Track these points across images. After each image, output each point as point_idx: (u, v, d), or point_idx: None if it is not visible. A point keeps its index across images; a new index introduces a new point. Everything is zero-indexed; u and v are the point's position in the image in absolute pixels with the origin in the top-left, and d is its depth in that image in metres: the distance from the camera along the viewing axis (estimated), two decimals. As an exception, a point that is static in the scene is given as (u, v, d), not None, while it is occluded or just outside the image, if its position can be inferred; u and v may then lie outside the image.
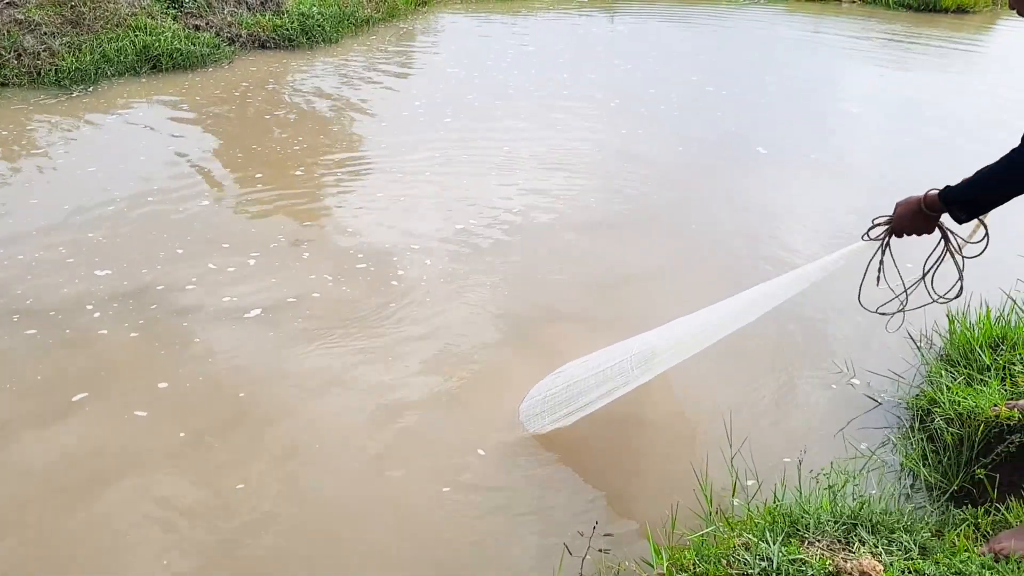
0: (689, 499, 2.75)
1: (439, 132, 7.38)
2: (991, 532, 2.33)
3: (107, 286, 4.47)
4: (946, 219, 2.48)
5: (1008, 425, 2.87)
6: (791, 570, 1.98)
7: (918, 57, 11.12)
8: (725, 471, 2.87)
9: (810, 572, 1.96)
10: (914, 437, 3.19)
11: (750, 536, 2.15)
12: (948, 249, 2.65)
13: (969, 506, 2.53)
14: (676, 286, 4.78)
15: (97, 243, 4.95)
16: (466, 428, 3.46)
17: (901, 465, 3.08)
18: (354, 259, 4.86)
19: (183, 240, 5.04)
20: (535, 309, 4.42)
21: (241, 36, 10.00)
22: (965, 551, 2.18)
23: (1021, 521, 2.39)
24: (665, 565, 2.18)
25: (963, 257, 2.64)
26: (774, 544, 2.07)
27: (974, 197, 2.35)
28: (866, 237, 2.70)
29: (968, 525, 2.39)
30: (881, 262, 2.71)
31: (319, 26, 10.47)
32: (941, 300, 2.72)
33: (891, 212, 2.62)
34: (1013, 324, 3.65)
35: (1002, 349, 3.44)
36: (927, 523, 2.35)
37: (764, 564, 2.02)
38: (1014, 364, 3.28)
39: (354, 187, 6.08)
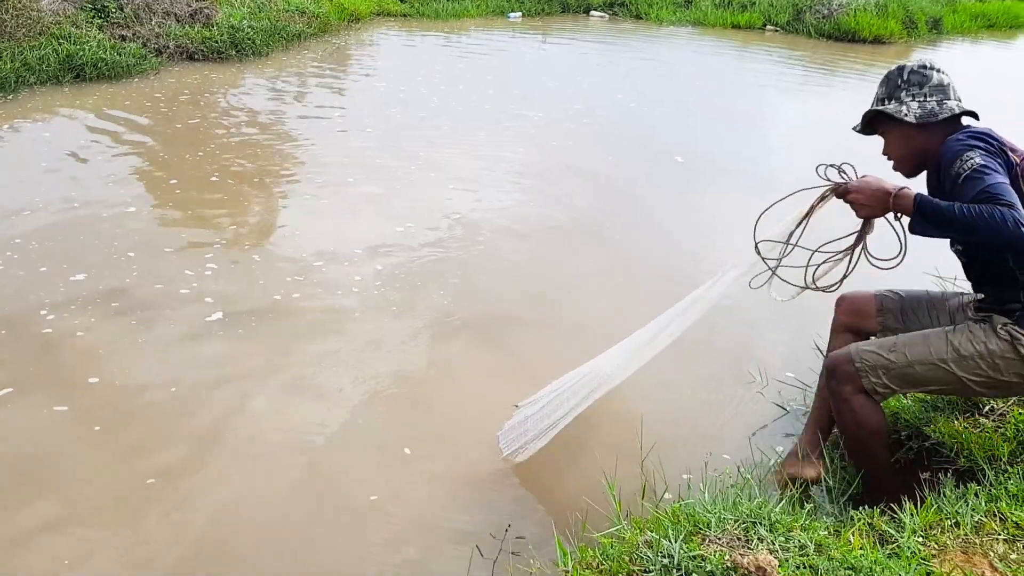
0: (602, 502, 2.81)
1: (366, 144, 7.41)
2: (886, 531, 2.43)
3: (48, 286, 4.47)
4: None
5: (906, 434, 3.02)
6: (691, 566, 2.04)
7: (839, 81, 11.55)
8: (637, 475, 2.94)
9: (708, 567, 2.03)
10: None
11: (653, 535, 2.21)
12: (859, 244, 2.75)
13: (866, 507, 2.63)
14: (616, 288, 5.03)
15: (23, 248, 4.89)
16: (396, 433, 3.51)
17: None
18: (293, 268, 4.90)
19: (114, 246, 5.02)
20: (476, 314, 4.56)
21: (169, 47, 9.90)
22: (860, 548, 2.27)
23: (916, 519, 2.49)
24: (571, 564, 2.22)
25: (871, 259, 2.74)
26: (676, 542, 2.14)
27: (943, 219, 2.40)
28: (821, 172, 2.71)
29: (864, 524, 2.48)
30: (807, 216, 2.76)
31: (249, 39, 10.43)
32: (814, 287, 2.82)
33: (848, 171, 2.70)
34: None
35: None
36: (824, 523, 2.44)
37: (665, 561, 2.08)
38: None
39: (284, 198, 6.08)
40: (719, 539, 2.21)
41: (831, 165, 2.72)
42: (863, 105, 2.92)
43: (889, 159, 2.85)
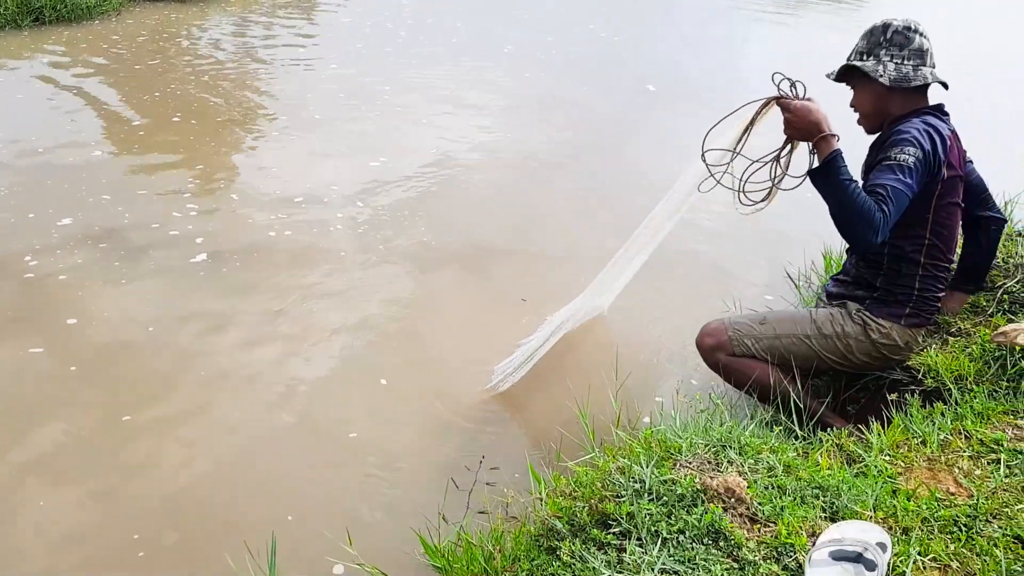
0: (577, 432, 2.84)
1: (335, 81, 7.30)
2: (854, 451, 2.47)
3: (23, 231, 4.45)
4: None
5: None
6: (662, 490, 2.07)
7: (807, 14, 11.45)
8: (612, 404, 2.97)
9: (679, 490, 2.06)
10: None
11: (625, 461, 2.23)
12: (780, 156, 2.80)
13: (833, 429, 2.67)
14: (590, 212, 5.11)
15: None
16: (378, 367, 3.55)
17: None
18: (274, 207, 4.89)
19: (83, 190, 4.97)
20: (457, 246, 4.62)
21: (129, -14, 9.61)
22: (828, 468, 2.31)
23: (883, 438, 2.53)
24: (544, 492, 2.25)
25: (791, 176, 2.78)
26: (647, 467, 2.16)
27: (838, 187, 2.51)
28: (776, 80, 2.72)
29: (832, 444, 2.52)
30: (751, 124, 2.80)
31: (212, -24, 10.13)
32: (747, 202, 2.85)
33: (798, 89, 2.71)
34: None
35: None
36: (793, 445, 2.47)
37: (637, 486, 2.10)
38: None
39: (255, 137, 5.99)
40: (690, 463, 2.24)
41: (787, 77, 2.72)
42: (833, 29, 2.90)
43: (855, 111, 2.92)
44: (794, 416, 2.65)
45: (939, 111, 2.83)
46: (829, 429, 2.64)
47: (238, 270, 4.19)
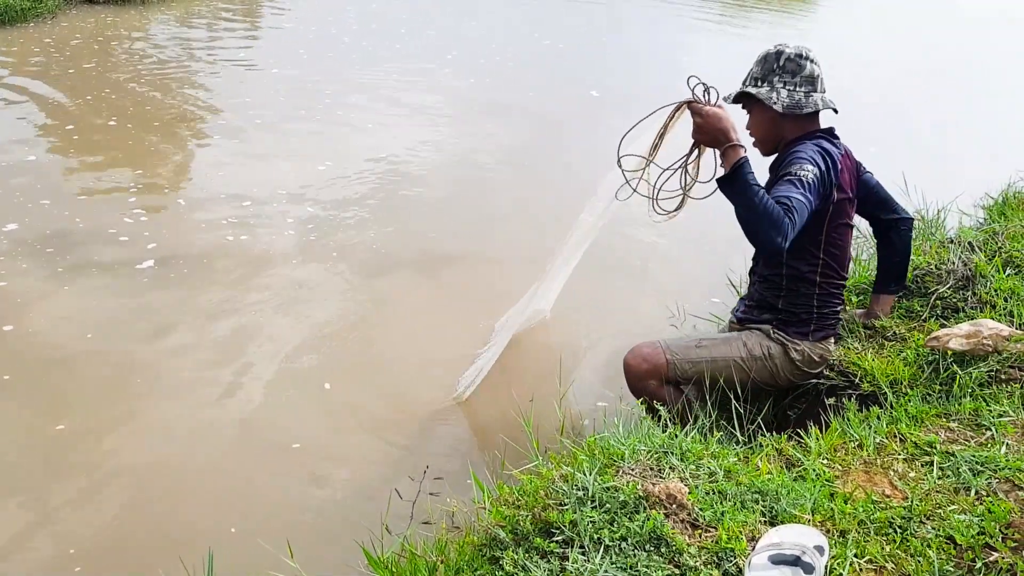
0: (521, 440, 2.83)
1: (277, 86, 7.23)
2: (793, 455, 2.50)
3: None
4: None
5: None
6: (605, 497, 2.08)
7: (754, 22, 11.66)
8: (556, 412, 2.97)
9: (622, 497, 2.06)
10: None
11: (569, 469, 2.23)
12: (687, 160, 2.83)
13: (774, 433, 2.70)
14: (535, 218, 5.12)
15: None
16: (324, 376, 3.52)
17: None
18: (225, 211, 4.79)
19: (18, 196, 4.85)
20: (415, 251, 4.62)
21: (65, -12, 9.40)
22: (768, 473, 2.34)
23: (821, 442, 2.58)
24: (488, 501, 2.24)
25: (692, 183, 2.84)
26: (590, 474, 2.17)
27: (746, 194, 2.51)
28: (691, 84, 2.72)
29: (772, 449, 2.55)
30: (664, 128, 2.83)
31: (151, -21, 9.95)
32: (660, 211, 2.88)
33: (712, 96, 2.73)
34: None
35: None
36: (734, 450, 2.50)
37: (580, 493, 2.11)
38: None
39: (197, 141, 5.92)
40: (632, 470, 2.25)
41: (702, 82, 2.72)
42: (771, 38, 2.95)
43: (751, 135, 2.98)
44: (735, 421, 2.68)
45: (830, 134, 2.92)
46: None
47: (184, 276, 4.13)
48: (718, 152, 2.68)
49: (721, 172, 2.63)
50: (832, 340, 3.06)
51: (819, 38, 11.25)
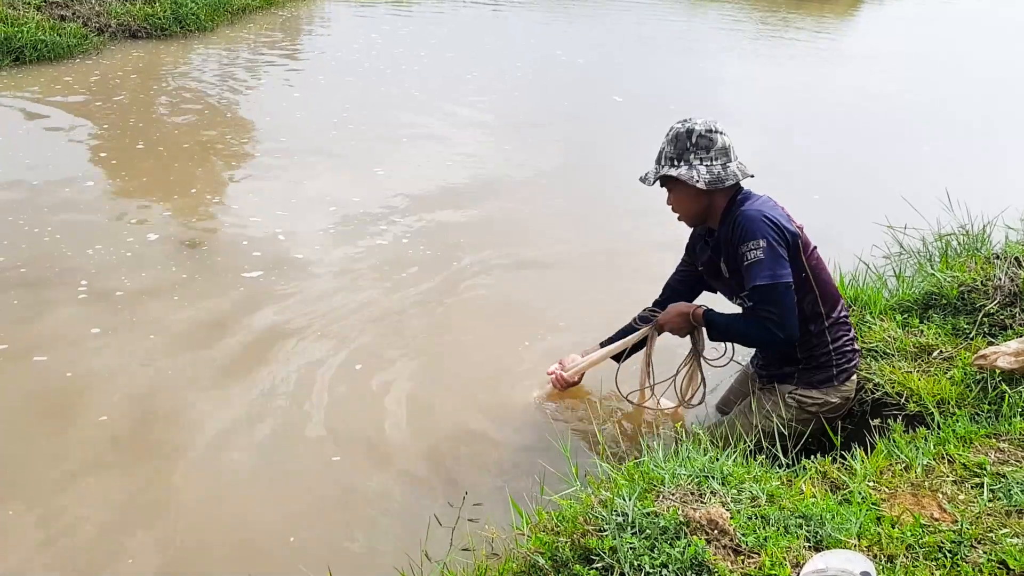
0: (560, 465, 2.81)
1: (320, 116, 7.34)
2: (838, 478, 2.46)
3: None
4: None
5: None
6: (645, 522, 2.05)
7: (786, 43, 11.62)
8: (596, 438, 2.96)
9: (662, 523, 2.04)
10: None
11: (608, 494, 2.21)
12: (695, 356, 3.18)
13: (818, 456, 2.66)
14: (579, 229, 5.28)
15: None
16: (364, 402, 3.53)
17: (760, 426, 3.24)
18: (250, 254, 4.83)
19: (63, 227, 4.94)
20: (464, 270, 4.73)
21: (111, 26, 9.65)
22: (812, 496, 2.30)
23: (867, 465, 2.53)
24: (527, 527, 2.23)
25: (708, 364, 3.20)
26: (630, 500, 2.14)
27: (724, 333, 2.99)
28: (636, 322, 3.21)
29: (816, 472, 2.51)
30: (649, 354, 3.23)
31: (193, 14, 10.20)
32: (686, 404, 3.24)
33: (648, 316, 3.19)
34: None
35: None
36: (777, 474, 2.46)
37: (620, 519, 2.08)
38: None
39: (238, 180, 5.99)
40: (673, 495, 2.22)
41: (639, 316, 3.23)
42: (787, 58, 2.97)
43: (674, 211, 3.04)
44: (777, 444, 2.64)
45: (749, 194, 2.93)
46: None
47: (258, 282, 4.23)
48: (687, 332, 3.12)
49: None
50: (855, 377, 3.03)
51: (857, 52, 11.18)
